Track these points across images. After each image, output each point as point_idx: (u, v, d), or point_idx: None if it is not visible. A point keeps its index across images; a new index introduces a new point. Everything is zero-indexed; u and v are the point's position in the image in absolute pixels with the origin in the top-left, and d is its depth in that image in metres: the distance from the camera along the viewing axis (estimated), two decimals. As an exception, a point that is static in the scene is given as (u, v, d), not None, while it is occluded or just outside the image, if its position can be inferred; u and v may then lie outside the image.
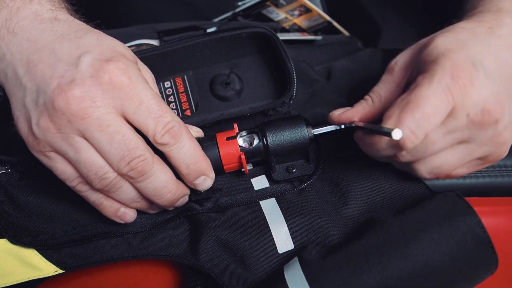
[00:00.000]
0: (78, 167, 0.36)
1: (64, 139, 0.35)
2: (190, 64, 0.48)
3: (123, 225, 0.42)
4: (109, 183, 0.36)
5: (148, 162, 0.36)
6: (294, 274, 0.36)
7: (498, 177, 0.53)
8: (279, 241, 0.40)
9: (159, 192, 0.38)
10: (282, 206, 0.42)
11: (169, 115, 0.36)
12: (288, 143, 0.42)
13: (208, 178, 0.40)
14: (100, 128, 0.34)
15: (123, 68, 0.35)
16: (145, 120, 0.36)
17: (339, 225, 0.40)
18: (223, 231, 0.41)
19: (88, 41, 0.37)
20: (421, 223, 0.36)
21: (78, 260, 0.41)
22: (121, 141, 0.35)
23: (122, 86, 0.35)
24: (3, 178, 0.43)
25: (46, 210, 0.43)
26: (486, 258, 0.35)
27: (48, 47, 0.36)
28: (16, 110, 0.37)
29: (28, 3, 0.38)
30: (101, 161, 0.35)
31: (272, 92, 0.48)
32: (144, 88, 0.36)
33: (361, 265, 0.35)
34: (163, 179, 0.37)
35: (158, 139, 0.36)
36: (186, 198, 0.41)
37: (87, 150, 0.35)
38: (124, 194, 0.38)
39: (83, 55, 0.35)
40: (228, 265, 0.40)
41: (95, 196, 0.39)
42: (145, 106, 0.35)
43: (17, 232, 0.41)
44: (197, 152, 0.38)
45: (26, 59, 0.36)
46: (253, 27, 0.45)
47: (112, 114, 0.35)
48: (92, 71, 0.35)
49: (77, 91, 0.34)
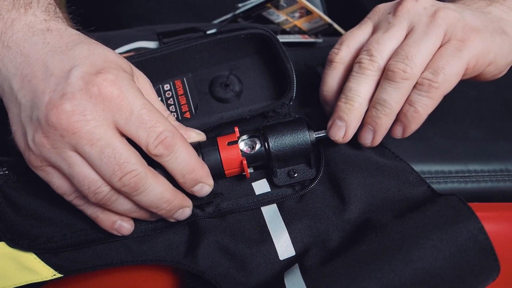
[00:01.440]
0: (73, 181, 0.36)
1: (58, 154, 0.35)
2: (189, 66, 0.47)
3: None
4: (103, 197, 0.36)
5: (140, 177, 0.35)
6: (294, 281, 0.36)
7: (500, 181, 0.52)
8: (280, 248, 0.40)
9: (155, 203, 0.37)
10: (283, 212, 0.42)
11: (161, 125, 0.36)
12: (290, 147, 0.41)
13: (206, 185, 0.39)
14: (91, 142, 0.34)
15: (112, 80, 0.35)
16: (137, 130, 0.35)
17: (340, 229, 0.40)
18: (224, 237, 0.40)
19: (78, 52, 0.36)
20: (423, 228, 0.35)
21: (76, 264, 0.41)
22: (111, 156, 0.34)
23: (111, 98, 0.34)
24: (1, 180, 0.43)
25: (45, 213, 0.42)
26: (488, 265, 0.35)
27: (40, 61, 0.36)
28: (13, 125, 0.37)
29: (22, 15, 0.38)
30: (94, 176, 0.35)
31: (272, 93, 0.48)
32: (135, 97, 0.35)
33: (361, 272, 0.34)
34: (158, 191, 0.37)
35: (151, 150, 0.36)
36: (187, 211, 0.40)
37: (80, 164, 0.35)
38: (121, 206, 0.38)
39: (73, 68, 0.35)
40: (229, 271, 0.39)
41: (91, 210, 0.39)
42: (135, 116, 0.35)
43: (15, 235, 0.41)
44: (193, 161, 0.38)
45: (20, 74, 0.36)
46: (251, 28, 0.45)
47: (103, 127, 0.34)
48: (82, 84, 0.34)
49: (67, 105, 0.34)
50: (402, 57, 0.38)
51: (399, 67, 0.38)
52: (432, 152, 0.53)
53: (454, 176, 0.53)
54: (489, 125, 0.56)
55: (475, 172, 0.53)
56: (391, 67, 0.39)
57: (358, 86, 0.40)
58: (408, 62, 0.38)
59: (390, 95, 0.39)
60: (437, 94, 0.39)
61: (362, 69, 0.40)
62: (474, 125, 0.55)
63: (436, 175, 0.53)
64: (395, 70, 0.38)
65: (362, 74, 0.40)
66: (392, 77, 0.38)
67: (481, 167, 0.53)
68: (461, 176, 0.53)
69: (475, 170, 0.53)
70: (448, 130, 0.55)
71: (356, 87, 0.40)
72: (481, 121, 0.56)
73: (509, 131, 0.55)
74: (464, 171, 0.53)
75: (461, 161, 0.53)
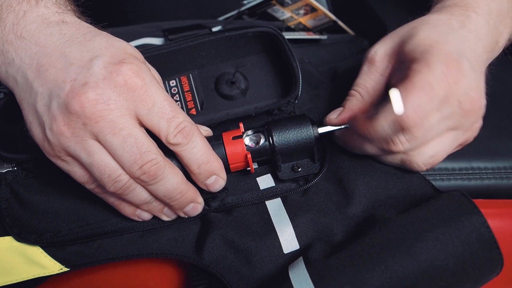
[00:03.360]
0: (92, 171, 0.36)
1: (78, 143, 0.35)
2: (195, 63, 0.48)
3: (128, 224, 0.42)
4: (122, 186, 0.36)
5: (160, 166, 0.36)
6: (298, 274, 0.36)
7: (504, 179, 0.52)
8: (284, 242, 0.40)
9: (170, 193, 0.38)
10: (288, 206, 0.42)
11: (181, 116, 0.37)
12: (294, 142, 0.42)
13: (220, 179, 0.40)
14: (114, 131, 0.34)
15: (136, 70, 0.35)
16: (158, 121, 0.36)
17: (344, 224, 0.40)
18: (229, 231, 0.41)
19: (98, 43, 0.37)
20: (426, 222, 0.36)
21: (83, 258, 0.41)
22: (134, 145, 0.35)
23: (136, 88, 0.35)
24: (9, 176, 0.43)
25: (52, 208, 0.43)
26: (491, 258, 0.35)
27: (58, 51, 0.36)
28: (29, 116, 0.37)
29: (34, 7, 0.38)
30: (115, 164, 0.36)
31: (277, 91, 0.48)
32: (157, 89, 0.36)
33: (365, 264, 0.34)
34: (174, 181, 0.38)
35: (170, 140, 0.36)
36: (198, 207, 0.41)
37: (100, 153, 0.35)
38: (137, 197, 0.38)
39: (95, 58, 0.35)
40: (233, 265, 0.40)
41: (113, 198, 0.39)
42: (158, 107, 0.36)
43: (22, 230, 0.42)
44: (209, 152, 0.39)
45: (36, 64, 0.36)
46: (258, 26, 0.45)
47: (125, 116, 0.35)
48: (105, 74, 0.35)
49: (91, 94, 0.34)
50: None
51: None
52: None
53: (458, 173, 0.53)
54: (494, 124, 0.56)
55: (478, 169, 0.53)
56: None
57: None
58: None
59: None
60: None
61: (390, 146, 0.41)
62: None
63: (440, 172, 0.53)
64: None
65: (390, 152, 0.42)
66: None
67: (485, 165, 0.53)
68: (464, 174, 0.53)
69: (479, 168, 0.53)
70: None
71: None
72: (485, 120, 0.56)
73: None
74: (467, 168, 0.53)
75: (464, 158, 0.53)
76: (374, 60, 0.43)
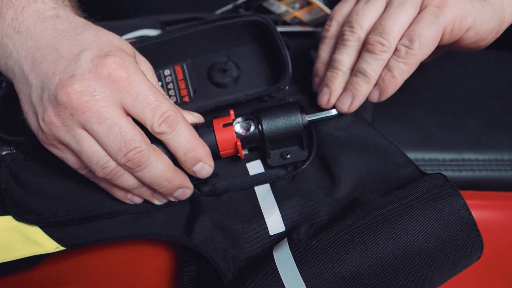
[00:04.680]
0: (81, 157, 0.38)
1: (67, 132, 0.37)
2: (189, 52, 0.49)
3: (122, 207, 0.43)
4: (110, 172, 0.38)
5: (144, 154, 0.37)
6: (282, 254, 0.37)
7: (495, 171, 0.53)
8: (271, 224, 0.41)
9: (156, 180, 0.39)
10: (275, 191, 0.43)
11: (165, 105, 0.38)
12: (283, 129, 0.43)
13: (206, 165, 0.41)
14: (99, 120, 0.36)
15: (120, 62, 0.37)
16: (143, 111, 0.37)
17: (329, 207, 0.41)
18: (218, 213, 0.42)
19: (87, 37, 0.38)
20: (407, 204, 0.36)
21: (78, 238, 0.43)
22: (118, 133, 0.36)
23: (120, 80, 0.37)
24: (8, 158, 0.45)
25: (49, 190, 0.44)
26: (471, 240, 0.36)
27: (50, 45, 0.38)
28: (25, 106, 0.39)
29: (32, 2, 0.40)
30: (102, 152, 0.37)
31: (269, 79, 0.49)
32: (142, 80, 0.37)
33: (346, 244, 0.35)
34: (160, 168, 0.39)
35: (155, 128, 0.38)
36: (187, 191, 0.42)
37: (88, 141, 0.37)
38: (126, 182, 0.40)
39: (83, 52, 0.37)
40: (221, 246, 0.41)
41: (104, 183, 0.41)
42: (142, 97, 0.37)
43: (21, 210, 0.43)
44: (194, 140, 0.40)
45: (31, 57, 0.38)
46: (248, 15, 0.47)
47: (111, 107, 0.36)
48: (91, 66, 0.36)
49: (77, 85, 0.36)
50: (379, 32, 0.41)
51: (377, 41, 0.41)
52: (427, 141, 0.54)
53: (448, 164, 0.53)
54: (486, 117, 0.56)
55: (469, 161, 0.53)
56: (370, 41, 0.41)
57: (341, 56, 0.44)
58: (385, 36, 0.41)
59: (370, 65, 0.42)
60: (413, 60, 0.41)
61: (344, 40, 0.44)
62: (471, 116, 0.56)
63: (430, 163, 0.53)
64: (373, 43, 0.41)
65: (344, 46, 0.44)
66: (371, 49, 0.42)
67: (476, 156, 0.53)
68: (455, 165, 0.53)
69: (470, 159, 0.53)
70: (445, 121, 0.55)
71: (339, 57, 0.44)
72: (478, 113, 0.56)
73: (506, 122, 0.56)
74: (458, 159, 0.53)
75: (456, 150, 0.53)
76: (329, 31, 0.47)
